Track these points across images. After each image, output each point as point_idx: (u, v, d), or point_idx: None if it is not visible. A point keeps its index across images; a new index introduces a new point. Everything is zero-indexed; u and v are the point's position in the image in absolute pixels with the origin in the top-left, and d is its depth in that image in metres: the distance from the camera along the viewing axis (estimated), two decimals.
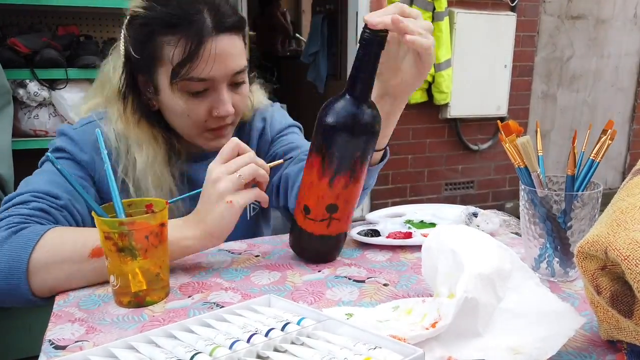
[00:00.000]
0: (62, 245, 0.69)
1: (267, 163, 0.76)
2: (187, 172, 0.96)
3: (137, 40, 0.85)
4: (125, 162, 0.89)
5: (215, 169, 0.72)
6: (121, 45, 0.89)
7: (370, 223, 0.96)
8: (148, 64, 0.85)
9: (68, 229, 0.76)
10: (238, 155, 0.74)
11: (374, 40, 0.66)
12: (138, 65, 0.87)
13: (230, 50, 0.85)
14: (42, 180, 0.81)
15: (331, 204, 0.72)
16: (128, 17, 0.86)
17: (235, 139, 0.75)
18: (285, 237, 0.89)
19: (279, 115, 1.07)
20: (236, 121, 0.94)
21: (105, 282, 0.70)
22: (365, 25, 0.66)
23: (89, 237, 0.70)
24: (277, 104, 1.11)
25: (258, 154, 0.78)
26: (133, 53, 0.85)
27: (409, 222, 0.94)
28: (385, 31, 0.66)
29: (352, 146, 0.68)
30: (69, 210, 0.80)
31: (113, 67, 0.92)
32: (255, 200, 0.75)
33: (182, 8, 0.82)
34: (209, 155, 0.89)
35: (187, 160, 0.96)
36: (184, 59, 0.81)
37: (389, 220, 0.96)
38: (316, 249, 0.78)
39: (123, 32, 0.88)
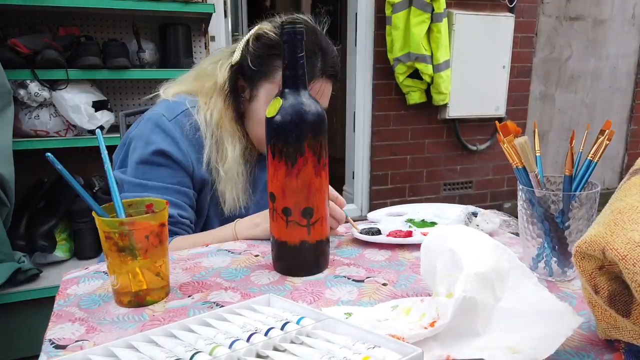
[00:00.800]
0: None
1: None
2: (254, 173, 1.08)
3: (257, 55, 0.98)
4: (215, 152, 1.00)
5: None
6: (237, 52, 1.00)
7: (372, 222, 0.96)
8: (258, 76, 0.99)
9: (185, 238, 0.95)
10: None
11: (296, 32, 0.70)
12: (248, 73, 1.00)
13: (327, 92, 1.01)
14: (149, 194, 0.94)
15: (306, 206, 0.71)
16: (255, 33, 0.99)
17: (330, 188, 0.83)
18: None
19: None
20: None
21: (106, 282, 0.70)
22: (283, 22, 0.73)
23: (198, 241, 0.90)
24: None
25: None
26: (249, 63, 0.98)
27: (410, 221, 0.94)
28: (301, 23, 0.71)
29: (304, 132, 0.70)
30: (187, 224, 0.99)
31: (220, 65, 1.02)
32: None
33: (307, 44, 0.90)
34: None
35: (257, 162, 1.08)
36: None
37: (390, 219, 0.97)
38: (301, 257, 0.74)
39: (245, 43, 0.99)
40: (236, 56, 1.00)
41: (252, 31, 1.00)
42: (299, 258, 0.74)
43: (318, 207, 0.72)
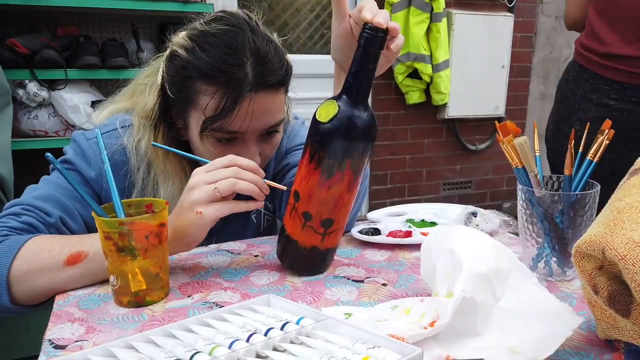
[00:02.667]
0: (39, 254, 0.69)
1: (275, 175, 0.73)
2: None
3: (174, 81, 0.81)
4: (145, 183, 0.86)
5: (195, 176, 0.70)
6: (159, 76, 0.85)
7: (372, 222, 0.96)
8: (182, 105, 0.82)
9: (48, 238, 0.73)
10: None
11: (376, 39, 0.63)
12: (172, 101, 0.83)
13: (269, 107, 0.80)
14: (43, 192, 0.79)
15: (327, 218, 0.69)
16: (168, 53, 0.83)
17: (232, 156, 0.72)
18: None
19: (301, 130, 1.02)
20: (264, 165, 0.87)
21: (105, 282, 0.70)
22: (365, 24, 0.63)
23: (66, 245, 0.69)
24: (302, 119, 1.05)
25: (268, 164, 0.77)
26: (168, 91, 0.82)
27: (409, 221, 0.94)
28: (386, 31, 0.64)
29: (352, 150, 0.65)
30: (57, 228, 0.78)
31: (150, 87, 0.87)
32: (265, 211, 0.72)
33: (224, 58, 0.76)
34: None
35: None
36: (217, 114, 0.77)
37: (390, 219, 0.97)
38: (308, 260, 0.74)
39: (162, 65, 0.84)
40: (159, 78, 0.85)
41: (168, 50, 0.84)
42: (306, 260, 0.73)
43: (339, 220, 0.71)
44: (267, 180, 0.72)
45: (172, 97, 0.82)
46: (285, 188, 0.75)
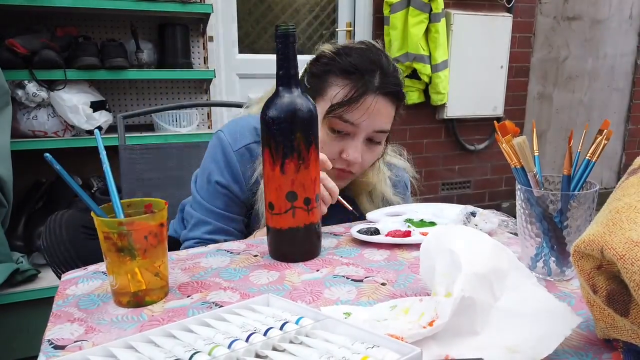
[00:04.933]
0: None
1: None
2: None
3: (313, 74, 1.00)
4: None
5: None
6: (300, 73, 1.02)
7: (371, 222, 0.96)
8: (312, 94, 0.96)
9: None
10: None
11: (287, 35, 0.74)
12: (305, 90, 0.95)
13: (383, 111, 0.97)
14: (210, 227, 1.02)
15: (289, 191, 0.76)
16: (316, 55, 1.02)
17: (324, 175, 0.88)
18: None
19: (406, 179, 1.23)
20: (358, 173, 1.03)
21: (104, 283, 0.70)
22: (276, 25, 0.75)
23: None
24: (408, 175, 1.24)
25: None
26: (306, 82, 1.00)
27: (408, 220, 0.94)
28: (293, 25, 0.75)
29: (292, 131, 0.74)
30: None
31: None
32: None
33: (362, 62, 0.96)
34: None
35: None
36: (345, 101, 0.94)
37: (389, 219, 0.97)
38: (289, 244, 0.79)
39: (306, 65, 1.03)
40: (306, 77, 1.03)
41: (315, 55, 1.03)
42: (303, 240, 0.80)
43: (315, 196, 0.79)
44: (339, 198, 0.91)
45: (307, 87, 1.00)
46: (350, 208, 0.94)
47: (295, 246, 0.79)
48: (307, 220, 0.78)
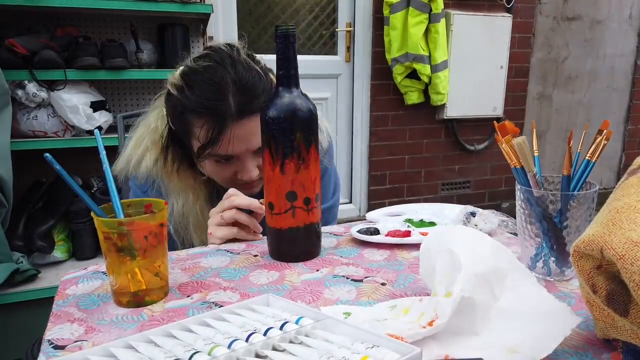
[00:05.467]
0: None
1: None
2: None
3: (172, 115, 0.95)
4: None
5: (215, 208, 0.88)
6: (163, 115, 0.98)
7: (370, 222, 0.96)
8: (182, 135, 0.95)
9: None
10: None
11: (287, 35, 0.74)
12: (175, 131, 0.96)
13: (254, 130, 0.90)
14: None
15: (289, 191, 0.76)
16: (166, 92, 0.95)
17: (233, 190, 0.87)
18: None
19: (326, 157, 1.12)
20: (261, 182, 0.99)
21: (105, 283, 0.70)
22: (276, 26, 0.74)
23: None
24: (332, 146, 1.15)
25: None
26: (170, 123, 0.96)
27: (408, 221, 0.94)
28: (293, 25, 0.74)
29: (292, 131, 0.74)
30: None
31: (160, 118, 1.00)
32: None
33: (207, 95, 0.88)
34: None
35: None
36: (207, 142, 0.90)
37: (388, 219, 0.97)
38: (289, 244, 0.79)
39: (165, 104, 0.97)
40: (164, 118, 0.98)
41: (166, 89, 0.96)
42: (303, 240, 0.80)
43: (315, 196, 0.79)
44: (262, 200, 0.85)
45: (173, 128, 0.95)
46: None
47: (295, 246, 0.79)
48: (307, 220, 0.78)
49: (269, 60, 1.02)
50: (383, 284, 0.71)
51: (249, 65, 0.93)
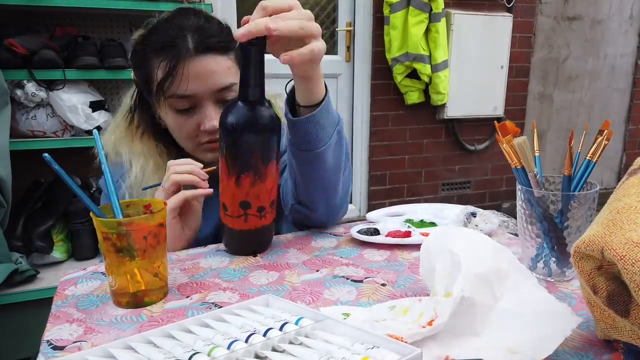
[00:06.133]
0: None
1: None
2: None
3: (136, 66, 0.97)
4: (128, 174, 0.97)
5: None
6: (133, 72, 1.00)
7: (371, 222, 0.96)
8: (146, 86, 0.95)
9: None
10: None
11: (250, 49, 0.69)
12: (140, 88, 0.98)
13: (212, 69, 0.90)
14: None
15: (242, 201, 0.76)
16: (132, 47, 0.97)
17: (170, 161, 0.86)
18: (283, 237, 0.90)
19: None
20: None
21: (104, 283, 0.70)
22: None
23: None
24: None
25: None
26: (134, 77, 0.97)
27: (408, 221, 0.94)
28: (257, 38, 0.67)
29: (250, 146, 0.72)
30: None
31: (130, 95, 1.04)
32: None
33: (168, 34, 0.90)
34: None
35: None
36: (163, 77, 0.89)
37: (388, 219, 0.97)
38: (240, 243, 0.81)
39: (129, 59, 1.00)
40: (133, 76, 1.01)
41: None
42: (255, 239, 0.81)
43: (268, 204, 0.79)
44: (203, 168, 0.85)
45: (138, 83, 0.97)
46: (214, 168, 0.84)
47: (246, 244, 0.81)
48: (259, 224, 0.79)
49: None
50: (383, 285, 0.70)
51: (210, 16, 0.95)
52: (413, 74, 3.09)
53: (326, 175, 0.83)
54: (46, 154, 0.63)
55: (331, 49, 3.26)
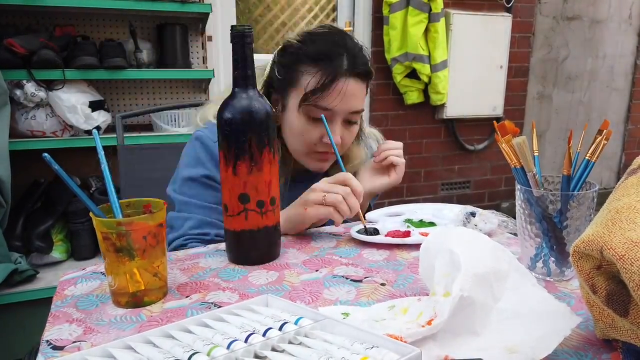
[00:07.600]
0: None
1: None
2: (286, 190, 1.05)
3: (282, 65, 1.01)
4: None
5: (318, 183, 0.89)
6: (268, 67, 1.04)
7: (370, 222, 0.96)
8: (285, 85, 1.01)
9: None
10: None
11: (243, 35, 0.74)
12: (277, 84, 1.02)
13: (356, 92, 0.99)
14: (193, 222, 0.97)
15: (241, 193, 0.76)
16: (282, 45, 1.02)
17: (349, 174, 0.89)
18: (284, 237, 0.90)
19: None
20: (340, 153, 1.02)
21: (103, 283, 0.70)
22: (232, 26, 0.74)
23: None
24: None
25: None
26: (277, 74, 1.01)
27: (408, 221, 0.94)
28: (249, 25, 0.74)
29: (244, 133, 0.74)
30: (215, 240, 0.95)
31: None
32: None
33: (327, 48, 0.98)
34: (307, 179, 1.01)
35: (291, 178, 1.08)
36: (317, 88, 0.96)
37: (388, 219, 0.97)
38: (243, 247, 0.79)
39: (273, 56, 1.04)
40: (267, 71, 1.04)
41: (280, 45, 1.04)
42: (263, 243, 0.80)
43: (270, 198, 0.78)
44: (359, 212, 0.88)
45: (278, 78, 1.01)
46: (365, 224, 0.90)
47: (249, 249, 0.79)
48: (261, 224, 0.77)
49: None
50: (382, 284, 0.70)
51: (359, 44, 1.03)
52: (412, 74, 3.09)
53: None
54: (46, 154, 0.63)
55: None
